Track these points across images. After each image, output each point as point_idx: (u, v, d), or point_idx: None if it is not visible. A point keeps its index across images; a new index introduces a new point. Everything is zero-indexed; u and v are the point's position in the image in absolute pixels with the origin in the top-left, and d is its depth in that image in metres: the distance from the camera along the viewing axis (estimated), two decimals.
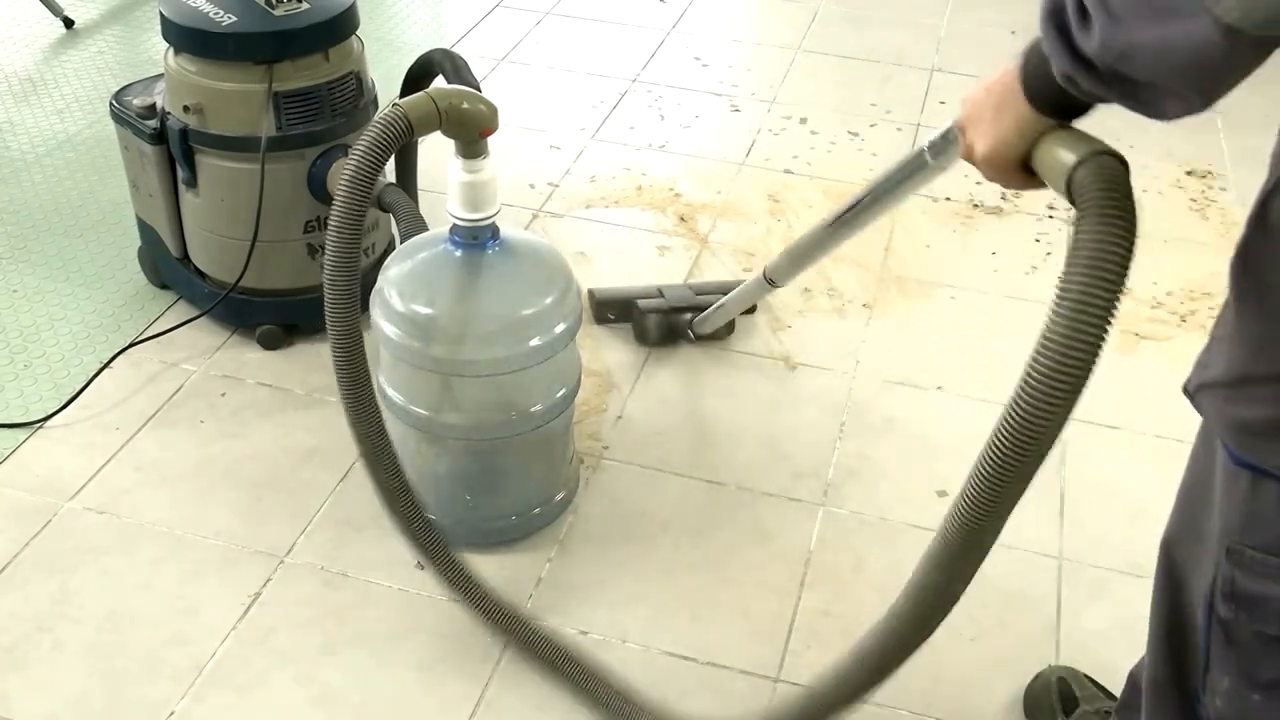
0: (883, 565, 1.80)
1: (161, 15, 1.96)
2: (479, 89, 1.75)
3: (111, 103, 2.10)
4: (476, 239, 1.65)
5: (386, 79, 2.38)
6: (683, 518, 1.88)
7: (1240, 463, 0.97)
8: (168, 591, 1.72)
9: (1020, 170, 1.02)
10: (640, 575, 1.78)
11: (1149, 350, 2.23)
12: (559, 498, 1.86)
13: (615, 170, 2.73)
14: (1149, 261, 0.92)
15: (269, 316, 2.14)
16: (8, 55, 3.08)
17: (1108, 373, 0.94)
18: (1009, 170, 1.03)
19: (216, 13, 1.92)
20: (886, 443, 2.03)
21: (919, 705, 1.60)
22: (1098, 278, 0.89)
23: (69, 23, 3.20)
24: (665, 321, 2.19)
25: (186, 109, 1.96)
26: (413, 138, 1.50)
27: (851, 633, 1.67)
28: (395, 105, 1.50)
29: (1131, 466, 1.98)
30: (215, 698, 1.58)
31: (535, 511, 1.83)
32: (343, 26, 1.99)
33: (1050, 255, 2.49)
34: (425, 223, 1.88)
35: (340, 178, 1.49)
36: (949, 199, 2.64)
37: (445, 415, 1.70)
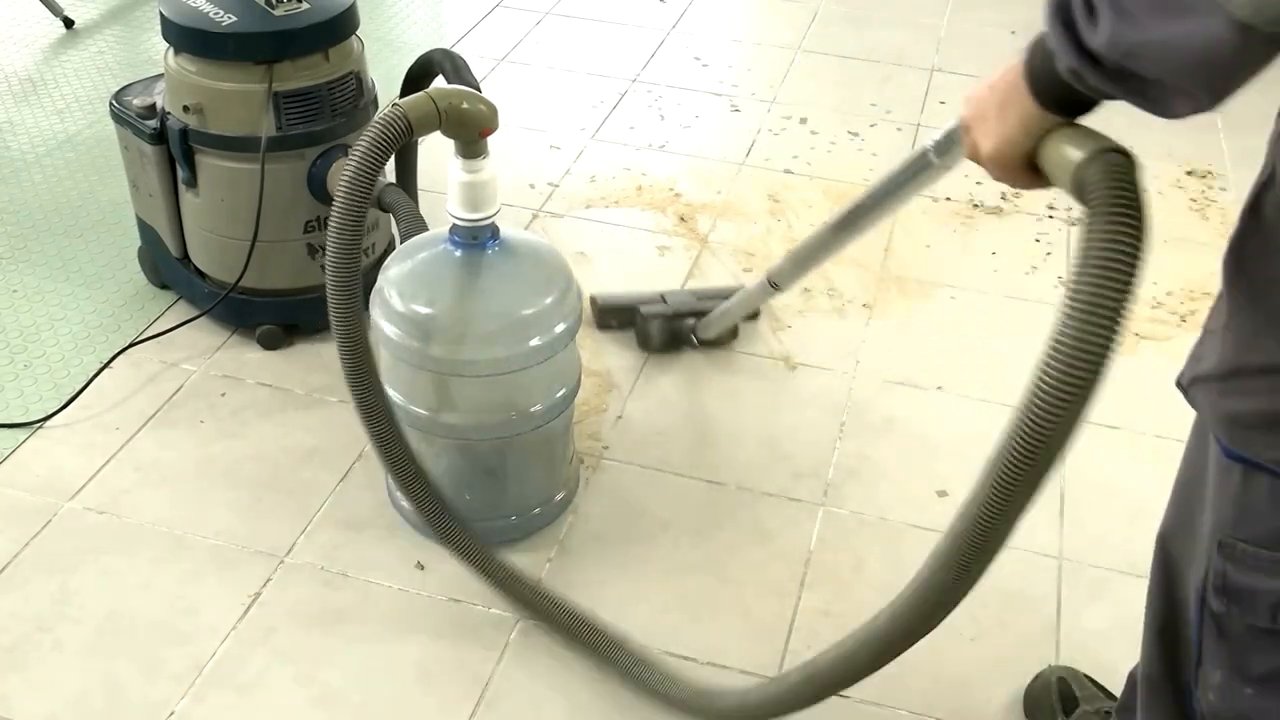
0: (883, 565, 1.80)
1: (161, 15, 1.96)
2: (479, 89, 1.75)
3: (111, 103, 2.10)
4: (476, 239, 1.65)
5: (386, 79, 2.38)
6: (683, 518, 1.88)
7: (1232, 456, 0.97)
8: (168, 591, 1.72)
9: (1026, 168, 1.01)
10: (640, 575, 1.78)
11: (1149, 350, 2.23)
12: (559, 498, 1.86)
13: (615, 170, 2.73)
14: (1149, 261, 0.92)
15: (269, 316, 2.14)
16: (8, 55, 3.08)
17: (1108, 373, 0.94)
18: (1015, 169, 1.02)
19: (216, 13, 1.92)
20: (886, 443, 2.03)
21: (919, 705, 1.60)
22: (1109, 278, 0.88)
23: (69, 23, 3.20)
24: (668, 327, 2.17)
25: (186, 109, 1.97)
26: (413, 138, 1.50)
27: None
28: (395, 105, 1.50)
29: (1131, 466, 1.98)
30: (215, 698, 1.58)
31: (535, 511, 1.83)
32: (343, 26, 1.99)
33: (1050, 255, 2.49)
34: (425, 223, 1.88)
35: (340, 178, 1.49)
36: (949, 199, 2.64)
37: (445, 415, 1.70)
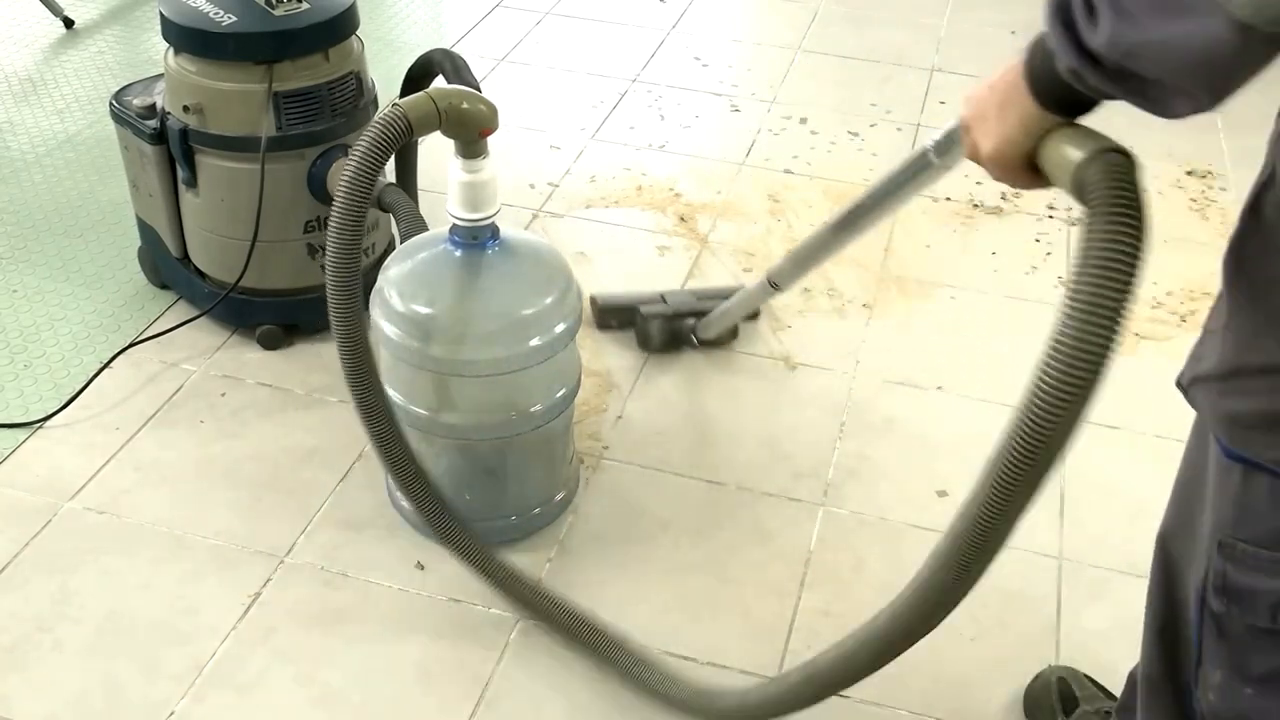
0: (883, 565, 1.80)
1: (161, 15, 1.96)
2: (479, 89, 1.75)
3: (111, 103, 2.10)
4: (476, 239, 1.65)
5: (386, 79, 2.38)
6: (683, 518, 1.88)
7: (1232, 456, 0.97)
8: (168, 591, 1.72)
9: (1026, 169, 1.01)
10: (640, 575, 1.78)
11: (1149, 350, 2.23)
12: (559, 498, 1.86)
13: (615, 170, 2.73)
14: (1149, 261, 0.92)
15: (269, 316, 2.14)
16: (8, 55, 3.08)
17: (1108, 373, 0.94)
18: (1015, 169, 1.02)
19: (216, 13, 1.92)
20: (886, 443, 2.03)
21: (919, 705, 1.60)
22: (1109, 279, 0.88)
23: (69, 23, 3.20)
24: (668, 327, 2.17)
25: (186, 109, 1.96)
26: (413, 138, 1.50)
27: None
28: (395, 105, 1.50)
29: (1131, 466, 1.98)
30: (215, 698, 1.58)
31: (535, 511, 1.83)
32: (343, 26, 1.99)
33: (1050, 255, 2.49)
34: (425, 223, 1.88)
35: (340, 178, 1.49)
36: (949, 199, 2.64)
37: (445, 415, 1.70)
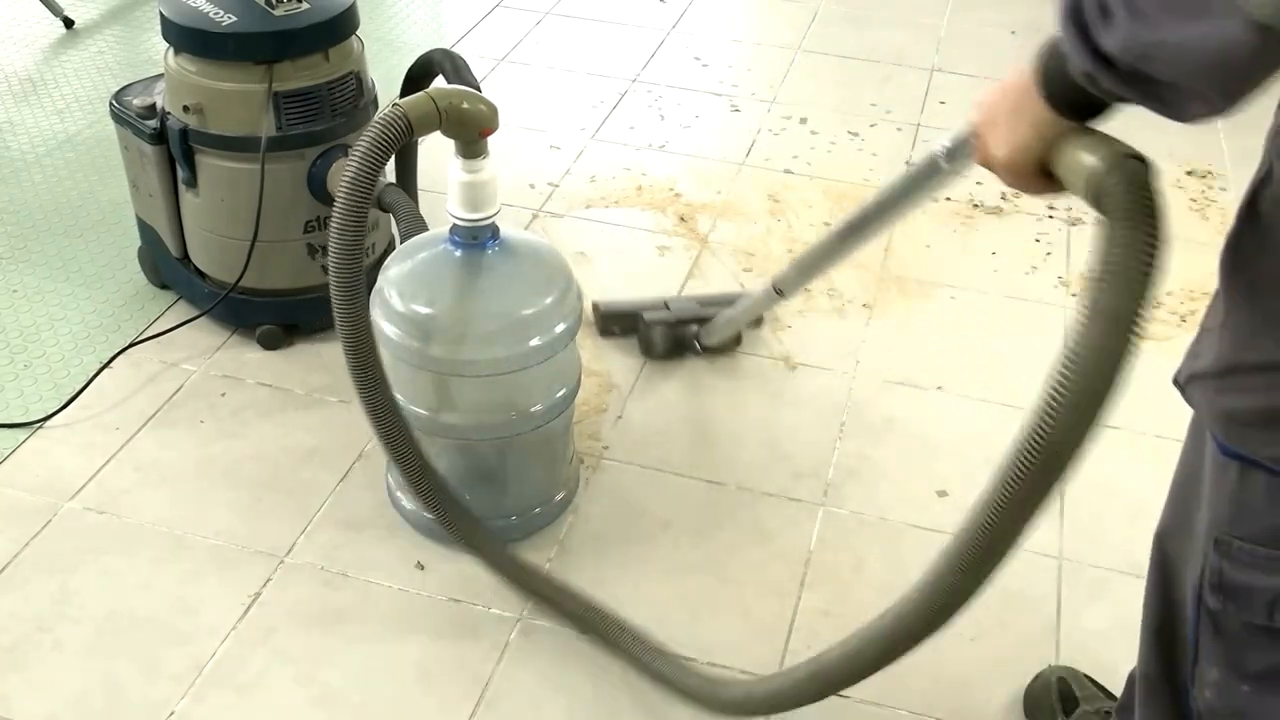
0: (883, 565, 1.80)
1: (161, 15, 1.96)
2: (479, 89, 1.75)
3: (111, 103, 2.10)
4: (476, 239, 1.65)
5: (386, 79, 2.38)
6: (683, 518, 1.88)
7: (1229, 453, 0.97)
8: (168, 591, 1.72)
9: (1039, 174, 1.00)
10: (640, 575, 1.78)
11: (1149, 350, 2.20)
12: (559, 498, 1.86)
13: (615, 170, 2.73)
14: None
15: (269, 316, 2.14)
16: (8, 55, 3.08)
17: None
18: (1028, 174, 1.01)
19: (216, 13, 1.92)
20: (886, 443, 2.03)
21: (919, 705, 1.60)
22: (1129, 289, 0.88)
23: (69, 23, 3.20)
24: (671, 334, 2.16)
25: (186, 109, 1.97)
26: (413, 138, 1.50)
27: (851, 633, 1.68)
28: (395, 105, 1.50)
29: (1131, 466, 1.98)
30: (215, 698, 1.58)
31: (535, 511, 1.83)
32: (343, 26, 1.99)
33: (1050, 255, 2.49)
34: (425, 223, 1.88)
35: (341, 178, 1.49)
36: (949, 199, 2.63)
37: (445, 415, 1.70)
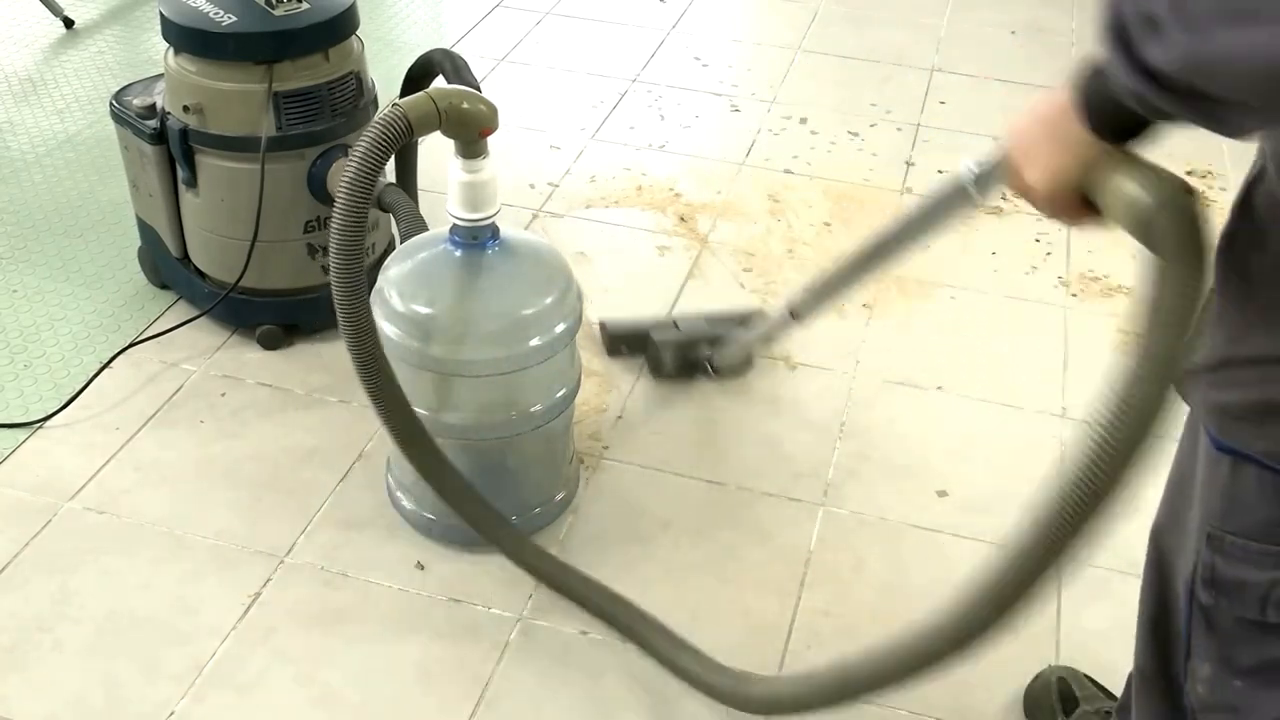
0: (883, 565, 1.80)
1: (161, 15, 1.96)
2: (479, 89, 1.75)
3: (111, 103, 2.10)
4: (476, 239, 1.65)
5: (386, 79, 2.38)
6: (683, 518, 1.88)
7: (1221, 448, 0.97)
8: (168, 591, 1.72)
9: (1078, 203, 0.96)
10: (640, 575, 1.78)
11: None
12: (559, 498, 1.86)
13: (615, 170, 2.73)
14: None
15: (269, 316, 2.14)
16: (8, 55, 3.08)
17: (1107, 371, 0.94)
18: (1066, 203, 0.97)
19: (216, 13, 1.92)
20: (886, 443, 2.03)
21: (919, 705, 1.60)
22: (1181, 333, 0.88)
23: (69, 23, 3.20)
24: (681, 355, 2.12)
25: (186, 109, 1.97)
26: (413, 138, 1.50)
27: (852, 633, 1.68)
28: (395, 105, 1.50)
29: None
30: (215, 698, 1.58)
31: (535, 511, 1.83)
32: (343, 26, 1.99)
33: (1050, 255, 2.49)
34: (425, 223, 1.88)
35: (341, 178, 1.49)
36: None
37: (445, 415, 1.70)
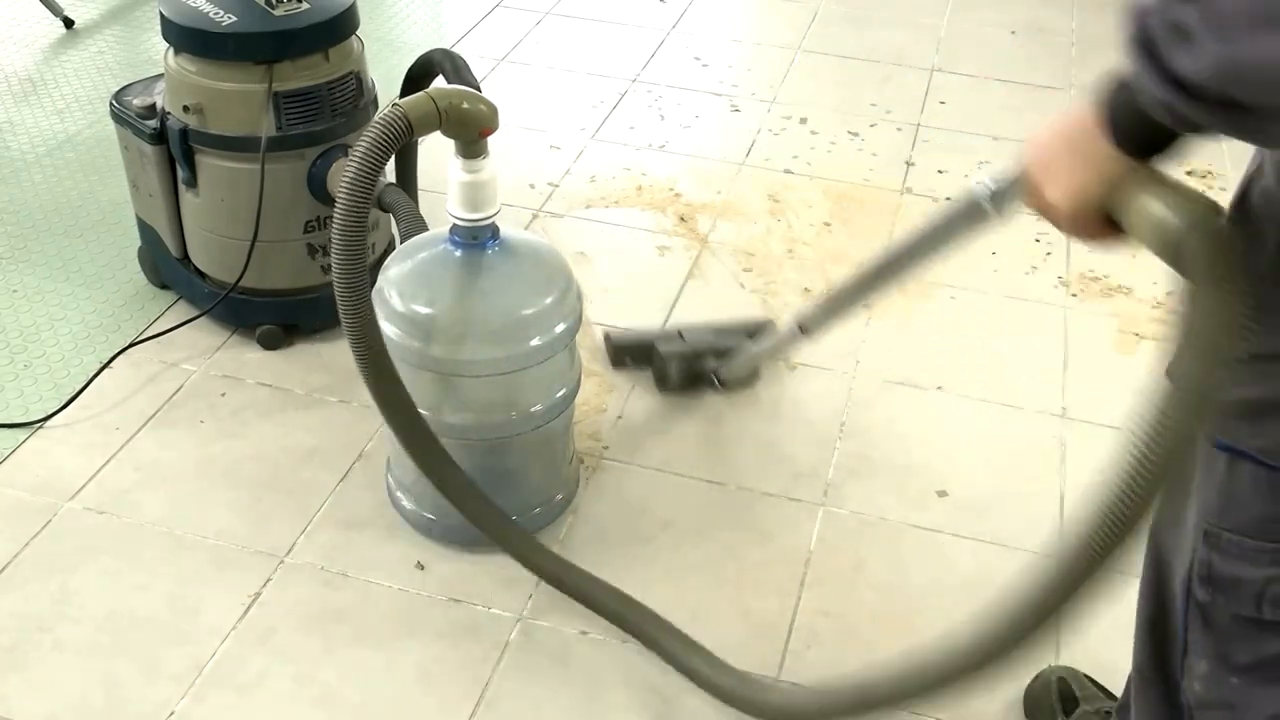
0: (883, 565, 1.80)
1: (161, 15, 1.96)
2: (479, 89, 1.75)
3: (111, 103, 2.10)
4: (476, 239, 1.65)
5: (386, 79, 2.38)
6: (683, 518, 1.88)
7: (1218, 445, 0.97)
8: (168, 592, 1.72)
9: (1101, 221, 0.95)
10: (640, 575, 1.77)
11: (1149, 350, 2.23)
12: (559, 498, 1.86)
13: (615, 170, 2.73)
14: (1150, 261, 0.91)
15: (269, 316, 2.14)
16: (8, 55, 3.08)
17: (1108, 372, 0.94)
18: (1091, 222, 0.96)
19: (216, 13, 1.92)
20: (886, 443, 2.03)
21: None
22: (1215, 359, 0.85)
23: (69, 23, 3.20)
24: (687, 367, 2.11)
25: (186, 109, 1.97)
26: (413, 138, 1.50)
27: (852, 633, 1.68)
28: (395, 105, 1.50)
29: None
30: (215, 698, 1.58)
31: (535, 511, 1.83)
32: (343, 26, 1.99)
33: (1050, 255, 2.49)
34: (425, 223, 1.88)
35: (341, 178, 1.49)
36: (949, 199, 2.63)
37: (445, 415, 1.70)
